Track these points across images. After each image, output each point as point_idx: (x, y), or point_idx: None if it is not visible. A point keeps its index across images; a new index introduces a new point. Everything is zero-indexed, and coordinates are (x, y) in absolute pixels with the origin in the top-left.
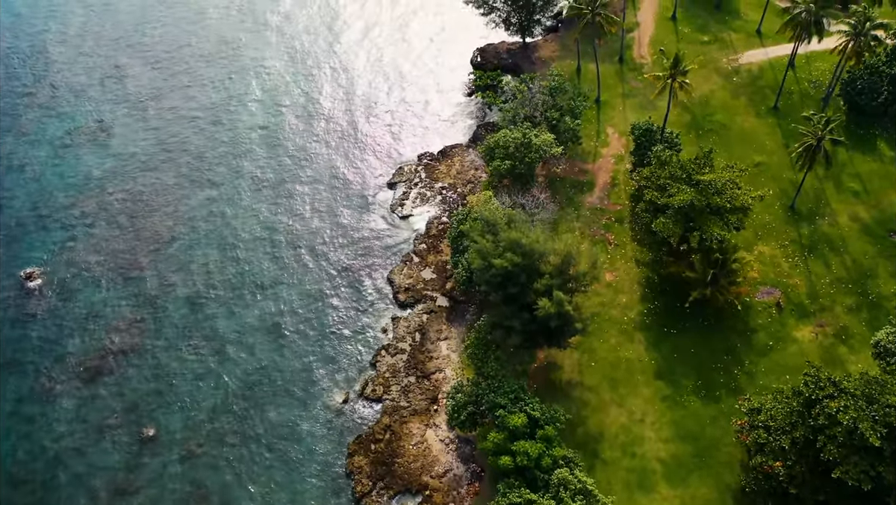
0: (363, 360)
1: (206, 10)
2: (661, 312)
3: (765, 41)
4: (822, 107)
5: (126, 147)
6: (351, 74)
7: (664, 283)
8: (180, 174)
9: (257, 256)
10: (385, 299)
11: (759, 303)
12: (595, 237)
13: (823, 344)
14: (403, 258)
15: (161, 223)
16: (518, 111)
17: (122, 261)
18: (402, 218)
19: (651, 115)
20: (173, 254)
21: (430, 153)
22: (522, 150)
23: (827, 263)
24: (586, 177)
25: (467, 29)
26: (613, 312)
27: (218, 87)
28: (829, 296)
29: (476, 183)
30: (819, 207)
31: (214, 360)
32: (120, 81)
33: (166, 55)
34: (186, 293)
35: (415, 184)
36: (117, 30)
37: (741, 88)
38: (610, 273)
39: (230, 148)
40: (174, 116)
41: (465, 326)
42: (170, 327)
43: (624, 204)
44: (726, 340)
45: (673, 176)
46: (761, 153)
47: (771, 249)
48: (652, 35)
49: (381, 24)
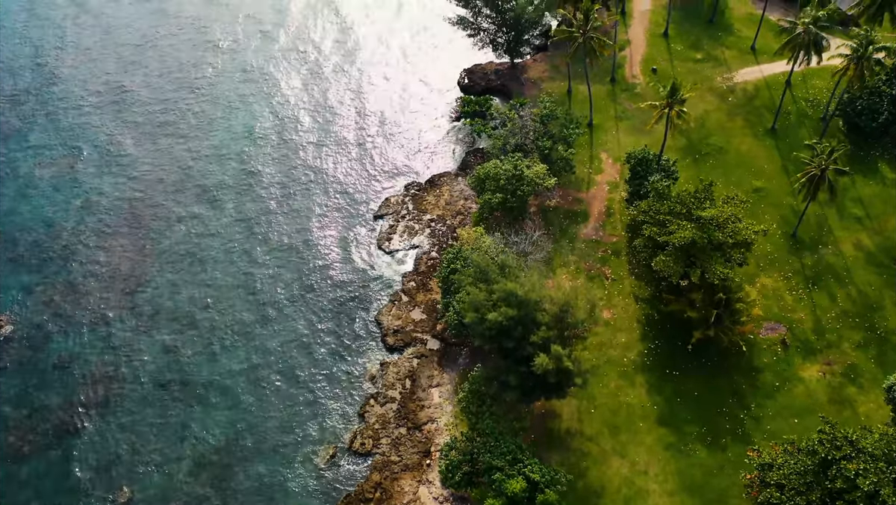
0: (351, 410)
1: (181, 33)
2: (662, 352)
3: (759, 58)
4: (823, 130)
5: (99, 180)
6: (332, 99)
7: (664, 320)
8: (157, 210)
9: (236, 298)
10: (373, 343)
11: (764, 340)
12: (591, 272)
13: (832, 384)
14: (391, 297)
15: (136, 263)
16: (508, 139)
17: (96, 304)
18: (390, 253)
19: (645, 139)
20: (149, 297)
21: (418, 182)
22: (514, 183)
23: (832, 296)
24: (580, 206)
25: (454, 48)
26: (612, 352)
27: (198, 116)
28: (836, 331)
29: (466, 214)
30: (822, 235)
31: (193, 412)
32: (95, 110)
33: (141, 85)
34: (162, 339)
35: (402, 216)
36: (101, 52)
37: (737, 108)
38: (607, 310)
39: (207, 182)
40: (151, 148)
41: (458, 371)
42: (145, 376)
43: (620, 235)
44: (731, 382)
45: (672, 211)
46: (760, 178)
47: (774, 282)
48: (644, 53)
49: (363, 47)
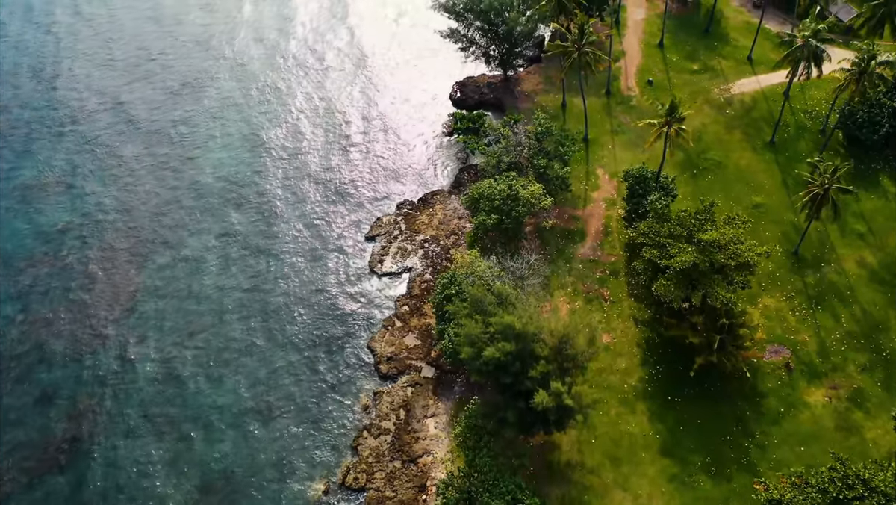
0: (343, 442)
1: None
2: (663, 377)
3: (756, 68)
4: (824, 144)
5: (84, 202)
6: (321, 117)
7: (665, 344)
8: (143, 233)
9: (225, 326)
10: (366, 371)
11: (768, 364)
12: (589, 293)
13: (838, 409)
14: (385, 323)
15: (122, 289)
16: (502, 157)
17: (79, 333)
18: (382, 276)
19: (642, 153)
20: (134, 325)
21: (410, 201)
22: (509, 204)
23: (836, 316)
24: (577, 224)
25: (445, 61)
26: (612, 378)
27: (183, 137)
28: (841, 353)
29: (460, 234)
30: (824, 253)
31: (179, 447)
32: (79, 125)
33: (129, 100)
34: (148, 370)
35: (394, 237)
36: (90, 65)
37: (735, 121)
38: (607, 334)
39: (194, 204)
40: (136, 167)
41: (454, 400)
42: (131, 409)
43: (618, 255)
44: (734, 408)
45: (672, 234)
46: (760, 193)
47: (776, 302)
48: (639, 64)
49: (351, 62)
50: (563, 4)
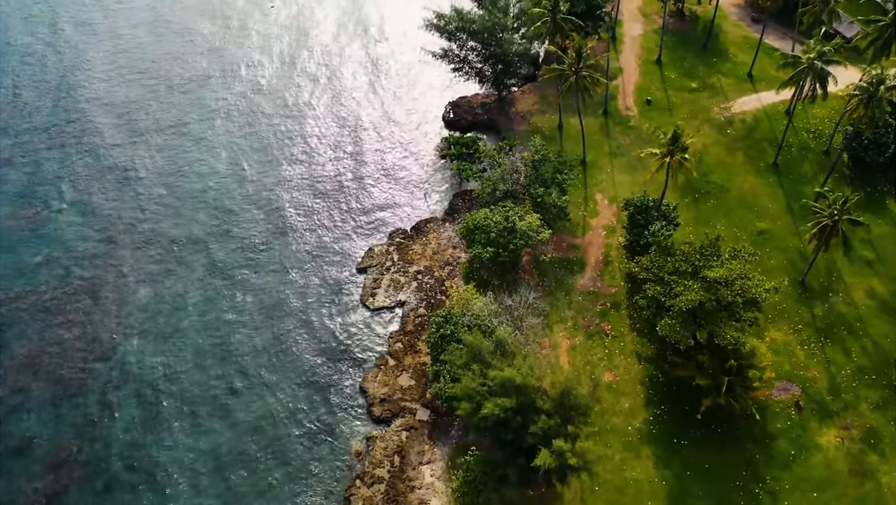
0: (334, 492)
1: (146, 73)
2: (668, 418)
3: (757, 85)
4: (830, 169)
5: (63, 233)
6: (308, 139)
7: (670, 382)
8: (123, 267)
9: (208, 366)
10: (358, 413)
11: (777, 402)
12: (590, 328)
13: (851, 451)
14: (377, 361)
15: (100, 327)
16: (498, 185)
17: (58, 375)
18: (374, 311)
19: (641, 176)
20: (114, 365)
21: (403, 230)
22: (506, 236)
23: (846, 350)
24: (576, 254)
25: (438, 80)
26: (616, 420)
27: (167, 162)
28: (852, 390)
29: (455, 265)
30: (831, 282)
31: (161, 499)
32: (59, 153)
33: (107, 128)
34: (128, 415)
35: (387, 268)
36: (69, 85)
37: (737, 142)
38: (609, 372)
39: (177, 234)
40: (117, 196)
41: (451, 445)
42: (110, 459)
43: (619, 286)
44: (743, 451)
45: (677, 270)
46: (764, 219)
47: (784, 335)
48: (637, 82)
49: (340, 81)
50: (558, 25)
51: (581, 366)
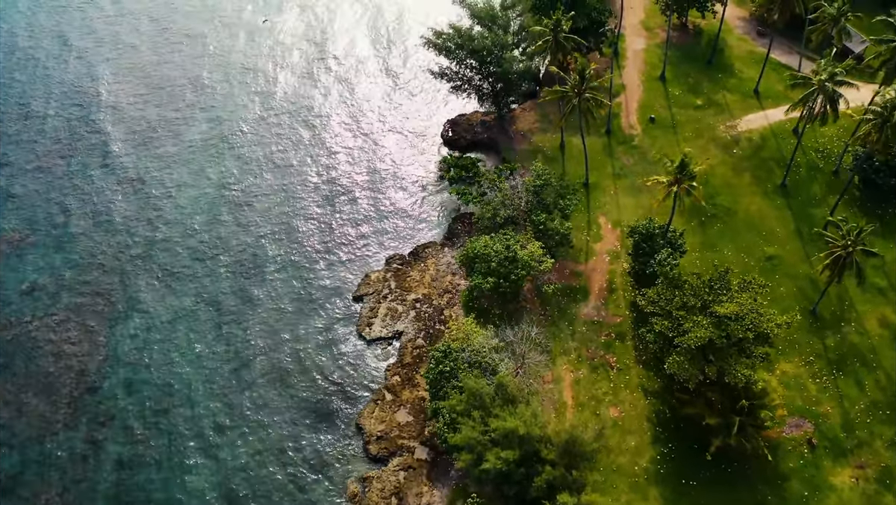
0: None
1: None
2: (677, 457)
3: (764, 102)
4: (841, 193)
5: (51, 259)
6: (301, 161)
7: (678, 419)
8: (111, 295)
9: (198, 401)
10: (353, 451)
11: (788, 440)
12: (594, 360)
13: (866, 492)
14: (374, 396)
15: (87, 360)
16: (498, 211)
17: (44, 411)
18: (371, 342)
19: (646, 198)
20: (101, 400)
21: (400, 255)
22: (507, 266)
23: (860, 383)
24: (579, 281)
25: (436, 98)
26: (622, 459)
27: (157, 184)
28: (867, 426)
29: (454, 293)
30: (843, 311)
31: None
32: (45, 176)
33: (92, 148)
34: (116, 452)
35: (384, 296)
36: (56, 107)
37: (743, 162)
38: (614, 408)
39: (166, 261)
40: (105, 220)
41: (450, 486)
42: (96, 501)
43: (624, 315)
44: (754, 493)
45: (686, 305)
46: (772, 243)
47: (795, 368)
48: (640, 99)
49: (336, 98)
50: (560, 44)
51: (585, 402)
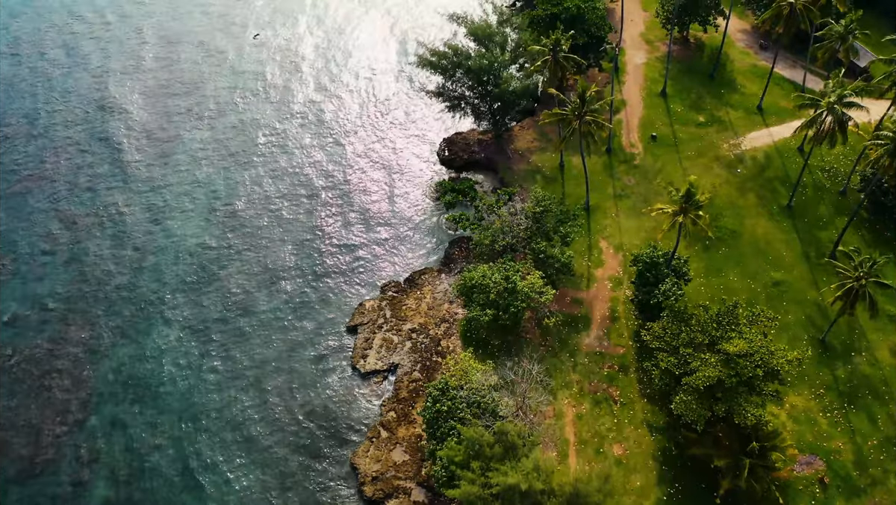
0: None
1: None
2: (683, 498)
3: (768, 119)
4: (851, 216)
5: (32, 288)
6: (295, 181)
7: (685, 457)
8: (96, 326)
9: (187, 439)
10: (348, 493)
11: (799, 479)
12: (597, 393)
13: None
14: (369, 433)
15: (71, 395)
16: (497, 238)
17: (26, 451)
18: (366, 375)
19: (648, 221)
20: (85, 438)
21: (396, 282)
22: (506, 297)
23: (872, 417)
24: (580, 310)
25: (431, 116)
26: (626, 501)
27: (144, 210)
28: (880, 463)
29: (451, 322)
30: (853, 340)
31: None
32: (27, 197)
33: (73, 169)
34: (101, 497)
35: (379, 326)
36: (38, 125)
37: (748, 182)
38: (618, 445)
39: (153, 287)
40: (88, 245)
41: None
42: None
43: (627, 345)
44: None
45: (693, 342)
46: (779, 268)
47: (805, 401)
48: (641, 116)
49: (329, 117)
50: (560, 63)
51: (588, 439)
